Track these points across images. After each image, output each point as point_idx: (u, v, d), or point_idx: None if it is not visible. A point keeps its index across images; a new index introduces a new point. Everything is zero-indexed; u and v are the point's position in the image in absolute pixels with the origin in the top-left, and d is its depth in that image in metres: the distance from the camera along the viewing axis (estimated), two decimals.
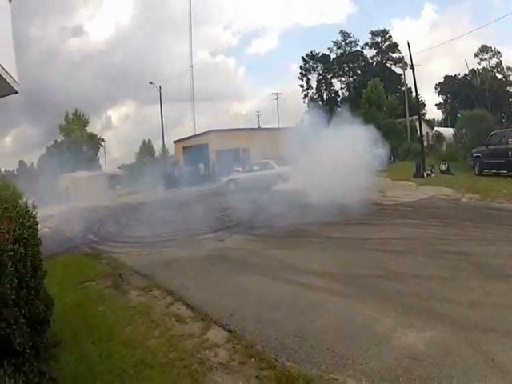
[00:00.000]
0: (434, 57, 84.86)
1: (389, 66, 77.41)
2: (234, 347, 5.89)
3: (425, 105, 72.46)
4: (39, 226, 6.09)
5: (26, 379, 3.47)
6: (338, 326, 6.19)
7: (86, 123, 69.91)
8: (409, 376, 4.70)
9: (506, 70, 67.56)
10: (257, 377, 5.08)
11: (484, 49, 67.98)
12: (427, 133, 49.59)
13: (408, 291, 7.27)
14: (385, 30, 77.69)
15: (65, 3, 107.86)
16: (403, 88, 61.44)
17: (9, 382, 2.94)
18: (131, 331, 6.82)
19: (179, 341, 6.28)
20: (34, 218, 5.78)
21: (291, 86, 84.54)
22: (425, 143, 37.05)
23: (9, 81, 8.63)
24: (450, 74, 72.93)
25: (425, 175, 25.73)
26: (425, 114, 68.66)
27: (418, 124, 34.78)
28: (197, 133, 58.61)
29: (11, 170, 62.18)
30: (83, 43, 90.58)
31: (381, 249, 10.28)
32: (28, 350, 3.73)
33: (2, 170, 53.74)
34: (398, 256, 9.52)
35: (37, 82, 59.03)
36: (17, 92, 9.47)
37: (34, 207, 5.95)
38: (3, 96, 9.89)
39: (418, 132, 34.07)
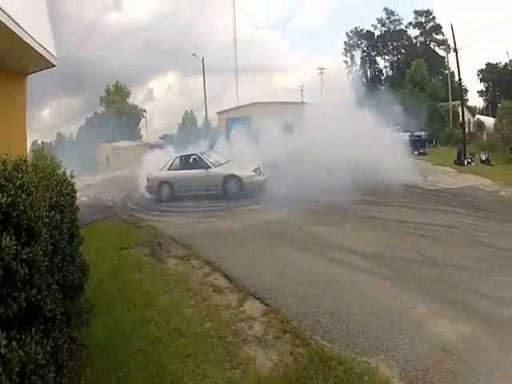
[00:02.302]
0: (477, 42, 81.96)
1: (432, 47, 75.64)
2: (270, 321, 5.98)
3: (467, 91, 70.53)
4: (78, 195, 6.26)
5: (55, 345, 3.50)
6: (374, 309, 6.24)
7: (127, 94, 70.45)
8: (439, 368, 4.74)
9: None
10: (291, 353, 5.16)
11: None
12: (469, 120, 48.35)
13: (443, 280, 7.26)
14: (428, 10, 75.60)
15: None
16: (446, 71, 60.03)
17: (35, 348, 2.95)
18: (167, 299, 6.95)
19: (215, 311, 6.40)
20: (72, 186, 5.92)
21: (336, 62, 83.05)
22: (466, 130, 36.27)
23: (46, 56, 8.80)
24: (491, 62, 70.74)
25: (465, 163, 25.27)
26: (467, 100, 66.98)
27: (460, 110, 34.01)
28: (240, 104, 57.74)
29: (49, 142, 62.73)
30: (125, 16, 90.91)
31: (420, 234, 10.23)
32: (59, 316, 3.75)
33: (39, 142, 54.65)
34: (437, 243, 9.44)
35: (78, 56, 59.59)
36: (54, 66, 9.65)
37: (72, 176, 6.08)
38: (41, 70, 10.10)
39: (460, 118, 33.37)
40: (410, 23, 77.17)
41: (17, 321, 2.91)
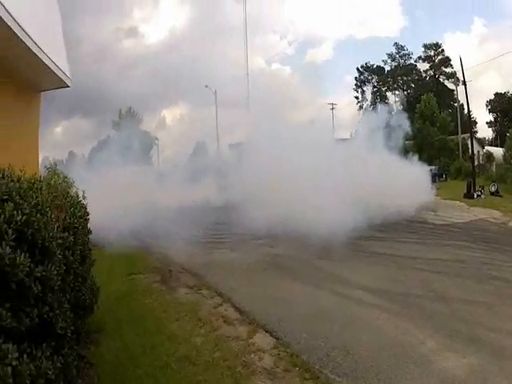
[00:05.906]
0: (484, 72, 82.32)
1: (441, 80, 76.05)
2: (279, 354, 5.95)
3: (476, 122, 70.71)
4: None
5: (65, 361, 3.57)
6: (384, 344, 6.21)
7: (139, 120, 70.95)
8: None
9: None
10: None
11: None
12: (478, 152, 48.42)
13: (453, 314, 7.26)
14: (437, 43, 76.25)
15: (122, 4, 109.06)
16: (455, 104, 60.31)
17: (46, 363, 3.02)
18: (177, 327, 6.92)
19: (225, 341, 6.37)
20: (85, 208, 5.98)
21: (346, 97, 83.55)
22: (475, 162, 36.27)
23: (60, 75, 8.95)
24: (500, 91, 70.66)
25: (475, 196, 25.40)
26: (476, 132, 67.08)
27: (469, 142, 34.00)
28: None
29: (60, 159, 63.22)
30: (139, 44, 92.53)
31: (430, 269, 10.18)
32: (69, 334, 3.81)
33: (51, 159, 54.89)
34: (446, 278, 9.43)
35: (92, 78, 60.49)
36: (68, 86, 9.82)
37: (84, 197, 6.10)
38: (55, 89, 10.25)
39: (470, 151, 33.37)
40: (419, 57, 77.88)
41: (28, 335, 2.98)
